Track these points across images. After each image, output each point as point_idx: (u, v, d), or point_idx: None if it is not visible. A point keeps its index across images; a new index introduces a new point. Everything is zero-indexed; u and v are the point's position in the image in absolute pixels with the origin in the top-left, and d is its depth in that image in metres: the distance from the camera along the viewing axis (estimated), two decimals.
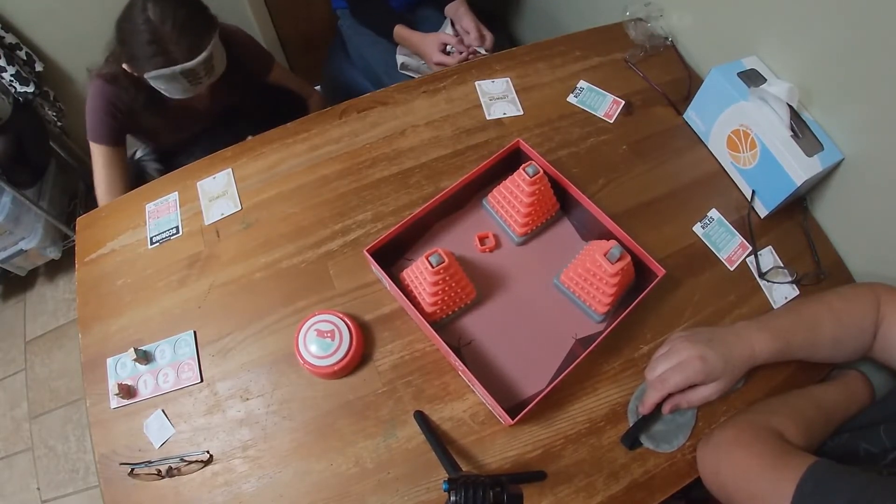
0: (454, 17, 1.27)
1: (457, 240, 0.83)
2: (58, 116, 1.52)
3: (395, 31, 1.25)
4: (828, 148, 0.80)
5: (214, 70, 0.95)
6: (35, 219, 1.55)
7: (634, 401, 0.72)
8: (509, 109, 0.96)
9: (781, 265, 0.84)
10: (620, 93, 0.98)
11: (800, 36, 0.82)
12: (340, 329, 0.72)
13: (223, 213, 0.86)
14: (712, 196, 0.90)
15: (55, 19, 1.37)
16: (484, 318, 0.77)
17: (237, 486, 0.68)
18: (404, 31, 1.24)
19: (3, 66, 1.30)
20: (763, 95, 0.82)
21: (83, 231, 0.88)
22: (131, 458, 0.69)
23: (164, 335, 0.77)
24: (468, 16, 1.23)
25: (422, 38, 1.21)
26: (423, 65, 1.29)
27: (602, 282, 0.72)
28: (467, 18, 1.22)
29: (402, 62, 1.31)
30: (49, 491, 1.51)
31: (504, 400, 0.70)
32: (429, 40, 1.20)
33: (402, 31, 1.25)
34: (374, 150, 0.91)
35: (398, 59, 1.31)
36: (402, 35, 1.25)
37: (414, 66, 1.31)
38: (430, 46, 1.20)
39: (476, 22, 1.22)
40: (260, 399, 0.72)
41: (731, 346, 0.66)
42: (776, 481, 0.54)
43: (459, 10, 1.26)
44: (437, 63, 1.20)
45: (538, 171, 0.75)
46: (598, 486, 0.68)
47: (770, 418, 0.64)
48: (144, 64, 0.90)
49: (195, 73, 0.92)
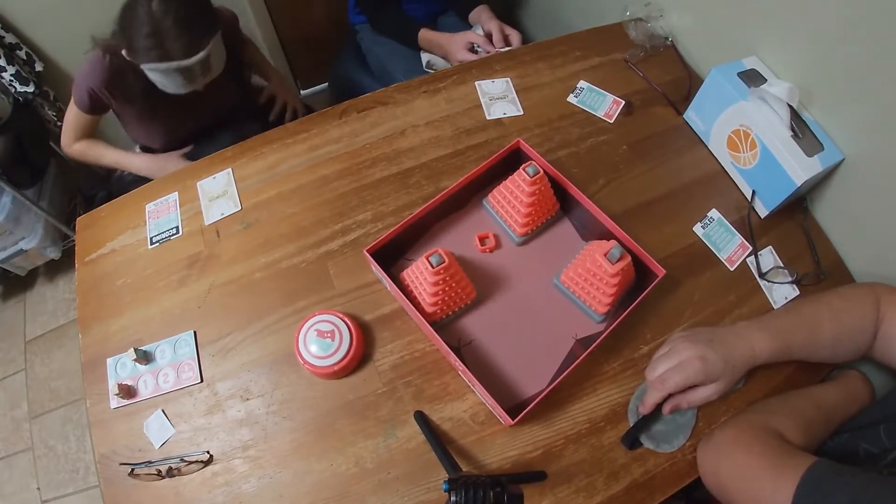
0: (479, 22, 1.27)
1: (457, 240, 0.83)
2: (58, 116, 1.52)
3: (421, 34, 1.26)
4: (828, 148, 0.80)
5: (212, 70, 0.95)
6: (35, 219, 1.55)
7: (634, 401, 0.72)
8: (509, 109, 0.96)
9: (781, 265, 0.84)
10: (620, 93, 0.98)
11: (800, 36, 0.82)
12: (340, 329, 0.72)
13: (223, 213, 0.86)
14: (712, 196, 0.90)
15: (55, 19, 1.37)
16: (484, 318, 0.77)
17: (237, 486, 0.68)
18: (430, 33, 1.25)
19: (3, 66, 1.30)
20: (763, 95, 0.82)
21: (83, 231, 0.88)
22: (131, 458, 0.69)
23: (164, 335, 0.77)
24: (492, 20, 1.23)
25: (449, 37, 1.22)
26: (448, 64, 1.28)
27: (602, 282, 0.72)
28: (491, 23, 1.22)
29: (427, 60, 1.31)
30: (49, 491, 1.51)
31: (504, 400, 0.70)
32: (456, 38, 1.20)
33: (428, 35, 1.25)
34: (374, 150, 0.91)
35: (423, 58, 1.31)
36: (427, 37, 1.25)
37: (440, 65, 1.30)
38: (457, 44, 1.20)
39: (500, 24, 1.22)
40: (260, 399, 0.72)
41: (732, 346, 0.66)
42: (776, 481, 0.54)
43: (483, 15, 1.27)
44: (460, 60, 1.20)
45: (538, 171, 0.75)
46: (599, 486, 0.68)
47: (770, 418, 0.64)
48: (141, 55, 0.90)
49: (191, 72, 0.92)
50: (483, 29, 1.25)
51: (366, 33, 1.41)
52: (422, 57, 1.32)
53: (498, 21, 1.23)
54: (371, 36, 1.39)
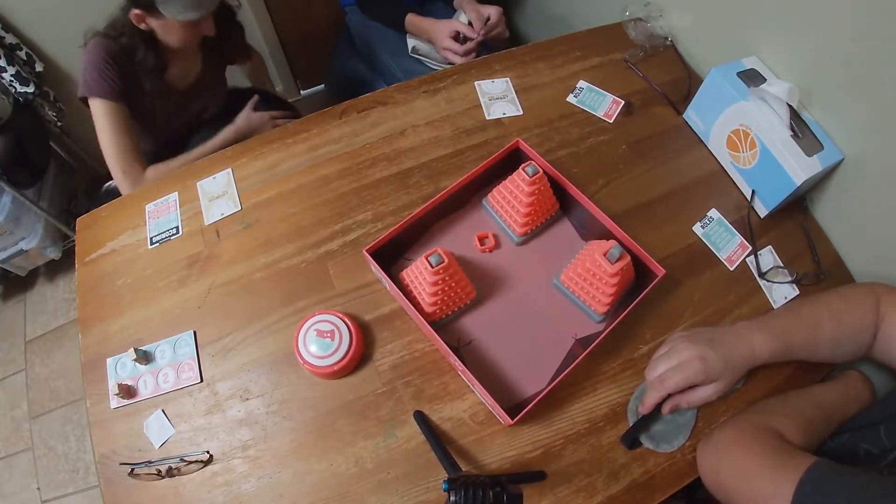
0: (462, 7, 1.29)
1: (457, 240, 0.83)
2: (58, 116, 1.52)
3: (408, 19, 1.28)
4: (828, 148, 0.80)
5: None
6: (35, 219, 1.55)
7: (634, 401, 0.72)
8: (509, 109, 0.96)
9: (781, 265, 0.84)
10: (620, 93, 0.98)
11: (800, 36, 0.82)
12: (340, 329, 0.72)
13: (223, 213, 0.86)
14: (712, 196, 0.90)
15: (55, 19, 1.37)
16: (484, 318, 0.77)
17: (237, 486, 0.68)
18: (416, 18, 1.27)
19: (3, 66, 1.30)
20: (763, 95, 0.82)
21: (83, 231, 0.88)
22: (131, 458, 0.69)
23: (164, 335, 0.77)
24: (470, 6, 1.25)
25: (434, 23, 1.24)
26: (433, 49, 1.30)
27: (602, 282, 0.72)
28: (469, 9, 1.24)
29: (413, 45, 1.32)
30: (49, 491, 1.51)
31: (504, 400, 0.70)
32: (440, 25, 1.22)
33: (414, 19, 1.27)
34: (374, 150, 0.91)
35: (409, 42, 1.33)
36: (414, 22, 1.27)
37: (425, 51, 1.32)
38: (441, 32, 1.22)
39: (477, 9, 1.23)
40: (260, 399, 0.72)
41: (732, 346, 0.66)
42: (776, 481, 0.54)
43: (465, 1, 1.28)
44: (444, 48, 1.22)
45: (538, 170, 0.75)
46: (598, 486, 0.68)
47: (770, 418, 0.64)
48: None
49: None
50: (465, 15, 1.26)
51: (355, 15, 1.44)
52: (407, 41, 1.33)
53: (476, 5, 1.25)
54: (360, 19, 1.41)
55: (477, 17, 1.22)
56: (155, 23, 0.99)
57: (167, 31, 1.01)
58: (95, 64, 1.01)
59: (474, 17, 1.22)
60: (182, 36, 1.02)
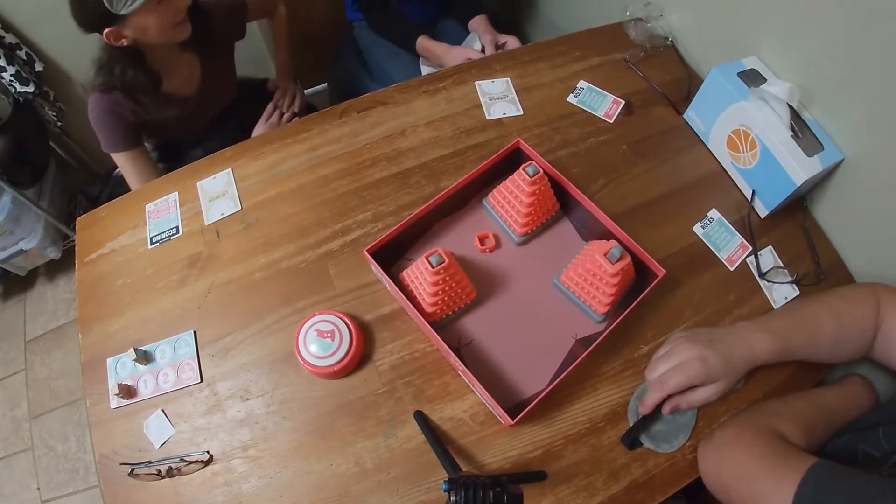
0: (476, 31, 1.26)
1: (457, 240, 0.83)
2: (58, 116, 1.52)
3: (419, 42, 1.23)
4: (828, 148, 0.80)
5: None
6: (35, 219, 1.55)
7: (634, 401, 0.72)
8: (509, 109, 0.96)
9: (781, 265, 0.84)
10: (620, 93, 0.98)
11: (800, 36, 0.82)
12: (340, 329, 0.72)
13: (223, 213, 0.86)
14: (712, 196, 0.90)
15: (55, 19, 1.37)
16: (484, 318, 0.77)
17: (237, 486, 0.68)
18: (428, 42, 1.22)
19: (3, 66, 1.30)
20: (763, 95, 0.82)
21: (83, 231, 0.88)
22: (131, 458, 0.69)
23: (164, 335, 0.77)
24: (486, 34, 1.21)
25: (447, 50, 1.19)
26: None
27: (602, 282, 0.72)
28: (486, 37, 1.20)
29: (426, 73, 1.28)
30: (49, 491, 1.51)
31: (504, 400, 0.70)
32: (454, 53, 1.18)
33: (426, 43, 1.22)
34: (374, 150, 0.91)
35: (423, 69, 1.29)
36: (426, 46, 1.23)
37: None
38: (455, 60, 1.17)
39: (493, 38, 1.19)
40: (260, 399, 0.72)
41: (732, 346, 0.66)
42: (777, 481, 0.54)
43: (481, 26, 1.25)
44: None
45: (538, 171, 0.75)
46: (598, 486, 0.68)
47: (771, 419, 0.64)
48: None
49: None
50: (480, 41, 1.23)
51: (363, 31, 1.40)
52: (422, 68, 1.30)
53: (492, 34, 1.21)
54: (369, 36, 1.38)
55: (490, 45, 1.18)
56: (129, 30, 0.92)
57: (143, 30, 0.92)
58: (101, 122, 1.02)
59: (489, 45, 1.18)
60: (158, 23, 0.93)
